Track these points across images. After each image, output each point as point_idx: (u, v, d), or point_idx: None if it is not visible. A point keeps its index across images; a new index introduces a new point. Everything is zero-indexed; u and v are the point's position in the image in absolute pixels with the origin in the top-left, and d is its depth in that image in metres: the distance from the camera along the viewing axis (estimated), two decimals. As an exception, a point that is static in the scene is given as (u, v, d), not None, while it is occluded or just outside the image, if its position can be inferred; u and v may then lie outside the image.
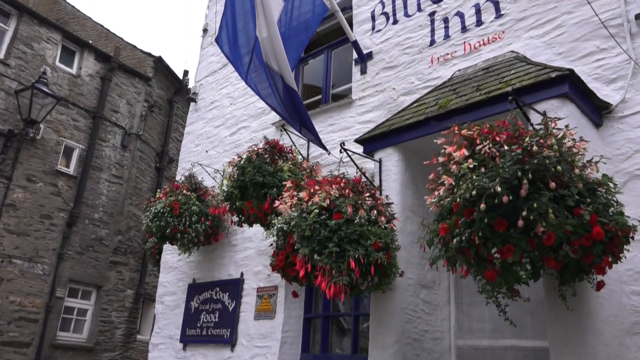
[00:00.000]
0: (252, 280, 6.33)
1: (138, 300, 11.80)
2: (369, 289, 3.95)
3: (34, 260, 9.86)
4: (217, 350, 6.41)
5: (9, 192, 9.63)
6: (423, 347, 4.51)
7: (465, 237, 2.87)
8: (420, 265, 4.66)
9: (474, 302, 4.66)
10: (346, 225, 3.72)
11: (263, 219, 5.26)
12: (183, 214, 6.34)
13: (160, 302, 7.64)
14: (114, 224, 11.50)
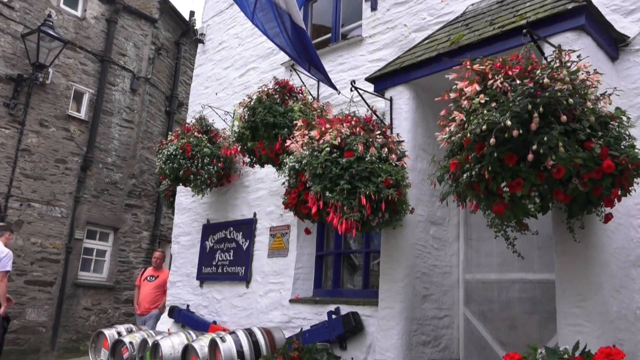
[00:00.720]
0: (265, 220, 6.47)
1: (154, 241, 12.13)
2: (379, 225, 4.04)
3: (51, 204, 10.10)
4: (232, 286, 6.65)
5: (23, 137, 9.74)
6: (432, 280, 4.66)
7: (475, 172, 2.90)
8: (431, 202, 4.73)
9: (483, 237, 4.75)
10: (357, 163, 3.76)
11: (274, 159, 5.31)
12: (195, 155, 6.42)
13: (176, 242, 7.87)
14: (127, 168, 11.65)
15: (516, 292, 4.47)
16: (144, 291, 8.29)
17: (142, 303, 8.23)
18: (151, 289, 8.27)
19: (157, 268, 8.48)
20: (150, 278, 8.37)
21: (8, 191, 9.47)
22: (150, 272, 8.49)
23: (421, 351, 4.48)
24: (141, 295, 8.31)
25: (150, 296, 8.22)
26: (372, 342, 4.76)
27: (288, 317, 5.77)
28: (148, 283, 8.33)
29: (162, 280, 8.27)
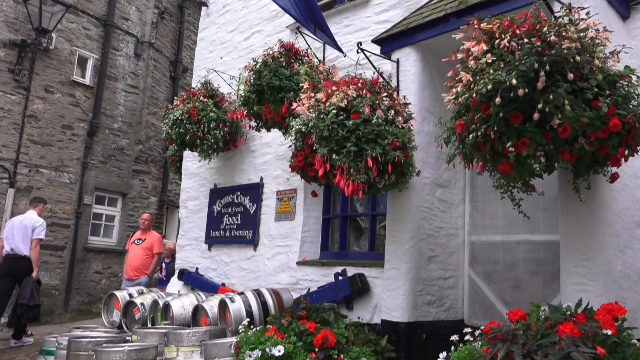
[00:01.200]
0: (272, 184, 6.51)
1: (162, 207, 12.26)
2: (386, 187, 4.07)
3: (60, 170, 10.18)
4: (240, 250, 6.76)
5: (29, 103, 9.75)
6: (437, 242, 4.72)
7: (481, 133, 2.90)
8: (437, 165, 4.74)
9: (488, 200, 4.78)
10: (364, 125, 3.77)
11: (281, 123, 5.32)
12: (201, 120, 6.42)
13: (184, 206, 7.95)
14: (134, 134, 11.68)
15: (521, 253, 4.53)
16: (131, 255, 8.01)
17: (129, 268, 7.96)
18: (138, 253, 7.97)
19: (145, 231, 8.19)
20: (138, 241, 8.08)
21: (16, 157, 9.54)
22: (138, 236, 8.21)
23: (426, 310, 4.58)
24: (128, 259, 8.06)
25: (137, 260, 7.93)
26: (378, 303, 4.85)
27: (295, 279, 5.88)
28: (135, 247, 8.04)
29: (149, 243, 8.04)
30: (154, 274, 8.34)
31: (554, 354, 2.42)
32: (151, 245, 8.00)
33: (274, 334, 3.71)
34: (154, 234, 8.26)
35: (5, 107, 9.46)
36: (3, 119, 9.42)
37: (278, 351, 3.44)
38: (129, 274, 7.90)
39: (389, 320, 4.51)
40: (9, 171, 9.43)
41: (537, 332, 2.67)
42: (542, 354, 2.45)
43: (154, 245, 8.04)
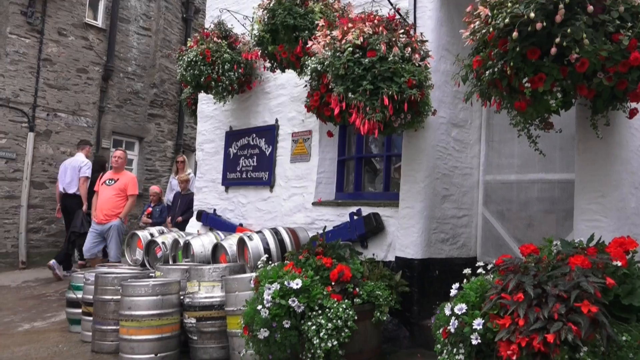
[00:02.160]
0: (287, 126, 6.53)
1: (178, 150, 12.39)
2: (401, 126, 4.08)
3: (77, 114, 10.28)
4: (257, 191, 6.87)
5: (43, 46, 9.73)
6: (452, 181, 4.76)
7: (498, 69, 2.87)
8: (453, 104, 4.71)
9: (504, 139, 4.77)
10: (380, 63, 3.73)
11: (296, 63, 5.26)
12: (215, 62, 6.38)
13: (201, 149, 8.03)
14: (148, 77, 11.66)
15: (535, 192, 4.56)
16: (102, 197, 7.40)
17: (99, 210, 7.38)
18: (109, 195, 7.39)
19: (118, 170, 7.62)
20: (109, 182, 7.46)
21: (34, 101, 9.64)
22: (110, 175, 7.58)
23: (440, 248, 4.68)
24: (99, 201, 7.44)
25: (109, 203, 7.36)
26: (393, 241, 4.96)
27: (311, 219, 6.00)
28: (107, 187, 7.41)
29: (122, 184, 7.47)
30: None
31: (563, 284, 2.50)
32: (124, 186, 7.46)
33: (291, 269, 3.85)
34: (128, 174, 7.80)
35: (20, 51, 9.47)
36: (19, 63, 9.45)
37: (296, 284, 3.57)
38: (98, 217, 7.35)
39: (403, 257, 4.64)
40: (28, 115, 9.55)
41: (549, 265, 2.74)
42: (552, 284, 2.53)
43: (128, 186, 7.51)
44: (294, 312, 3.53)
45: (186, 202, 8.38)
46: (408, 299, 4.42)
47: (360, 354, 3.75)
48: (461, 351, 2.68)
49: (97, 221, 7.33)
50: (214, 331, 4.36)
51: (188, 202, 8.28)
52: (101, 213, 7.32)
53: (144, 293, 4.29)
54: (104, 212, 7.32)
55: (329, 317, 3.53)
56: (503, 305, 2.62)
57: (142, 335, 4.23)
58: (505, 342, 2.49)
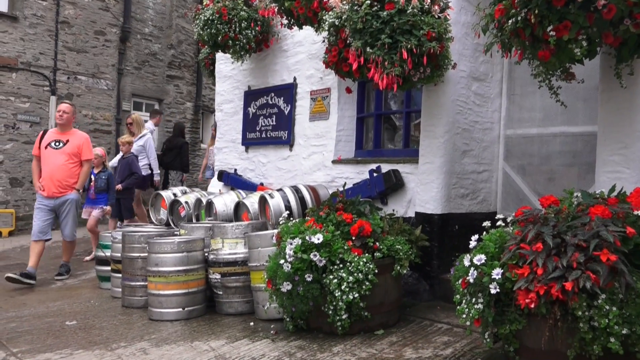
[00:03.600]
0: (305, 84, 6.50)
1: (197, 112, 12.46)
2: (421, 80, 4.04)
3: (96, 76, 10.37)
4: (276, 150, 6.91)
5: (60, 8, 9.74)
6: (472, 136, 4.73)
7: (521, 17, 2.80)
8: (473, 57, 4.63)
9: (526, 92, 4.69)
10: (398, 16, 3.67)
11: (313, 19, 5.20)
12: (232, 20, 6.32)
13: (220, 110, 8.07)
14: (165, 38, 11.62)
15: (557, 145, 4.51)
16: (50, 164, 5.92)
17: (49, 181, 5.89)
18: (61, 161, 5.94)
19: (64, 128, 6.10)
20: (56, 144, 5.98)
21: (55, 65, 9.73)
22: (55, 136, 6.06)
23: (460, 203, 4.70)
24: (47, 169, 5.94)
25: (61, 171, 5.93)
26: (412, 197, 4.99)
27: (331, 177, 6.04)
28: (54, 152, 5.93)
29: (74, 146, 6.04)
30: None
31: (583, 233, 2.51)
32: (78, 150, 6.07)
33: (312, 224, 3.91)
34: (79, 133, 6.28)
35: (38, 14, 9.49)
36: (37, 26, 9.50)
37: (317, 239, 3.64)
38: (50, 190, 5.89)
39: (422, 213, 4.67)
40: (49, 79, 9.67)
41: (568, 215, 2.75)
42: (572, 234, 2.55)
43: (83, 149, 6.11)
44: (316, 266, 3.61)
45: (125, 167, 7.66)
46: (428, 253, 4.49)
47: (381, 306, 3.84)
48: (480, 300, 2.73)
49: (47, 194, 5.88)
50: (238, 286, 4.49)
51: (127, 166, 7.64)
52: (52, 184, 5.87)
53: (170, 250, 4.42)
54: (55, 184, 5.89)
55: (350, 270, 3.61)
56: (522, 255, 2.65)
57: (170, 290, 4.38)
58: (524, 291, 2.53)
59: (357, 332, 3.76)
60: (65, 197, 5.98)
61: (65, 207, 6.00)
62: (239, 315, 4.45)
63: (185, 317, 4.38)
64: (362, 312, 3.67)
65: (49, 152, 5.95)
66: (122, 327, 4.21)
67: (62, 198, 5.96)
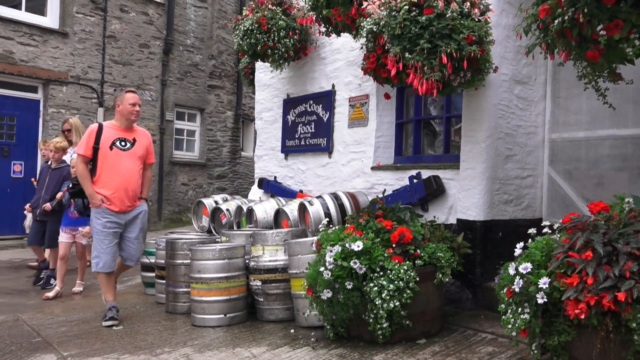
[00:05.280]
0: (344, 91, 6.50)
1: (238, 120, 12.65)
2: (461, 85, 3.97)
3: (141, 88, 10.68)
4: (315, 157, 6.93)
5: (107, 23, 10.11)
6: (516, 141, 4.61)
7: (569, 17, 2.71)
8: (516, 60, 4.52)
9: (572, 95, 4.55)
10: (437, 20, 3.63)
11: (351, 26, 5.20)
12: (271, 29, 6.41)
13: (259, 118, 8.16)
14: (206, 49, 11.88)
15: (605, 149, 4.34)
16: (123, 170, 4.63)
17: (121, 192, 4.61)
18: (133, 165, 4.71)
19: (130, 125, 4.79)
20: (123, 144, 4.66)
21: (102, 77, 10.10)
22: (118, 133, 4.68)
23: (503, 209, 4.58)
24: (116, 177, 4.60)
25: (134, 179, 4.71)
26: (454, 203, 4.90)
27: (370, 183, 6.00)
28: (122, 154, 4.63)
29: (142, 147, 4.82)
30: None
31: (636, 241, 2.40)
32: (146, 152, 4.88)
33: (352, 232, 3.89)
34: (143, 131, 5.01)
35: (87, 29, 9.88)
36: (86, 41, 9.89)
37: (357, 246, 3.62)
38: (123, 203, 4.62)
39: (464, 219, 4.58)
40: (97, 91, 10.03)
41: (620, 222, 2.64)
42: (624, 242, 2.44)
43: (150, 150, 4.98)
44: (356, 273, 3.59)
45: (57, 180, 6.16)
46: (470, 261, 4.39)
47: (423, 315, 3.78)
48: (526, 310, 2.65)
49: (117, 209, 4.61)
50: (279, 293, 4.51)
51: (60, 179, 6.17)
52: (126, 196, 4.64)
53: (212, 257, 4.49)
54: (130, 195, 4.68)
55: (391, 278, 3.57)
56: (570, 264, 2.56)
57: (212, 297, 4.44)
58: (573, 301, 2.44)
59: (398, 341, 3.71)
60: (138, 209, 4.78)
61: (137, 221, 4.77)
62: (280, 322, 4.46)
63: (227, 324, 4.43)
64: (403, 320, 3.62)
65: (116, 155, 4.62)
66: (166, 333, 4.29)
67: (134, 211, 4.75)
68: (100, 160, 4.61)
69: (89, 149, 4.60)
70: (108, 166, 4.61)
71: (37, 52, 9.36)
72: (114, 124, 4.78)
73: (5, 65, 9.00)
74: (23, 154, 9.45)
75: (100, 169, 4.62)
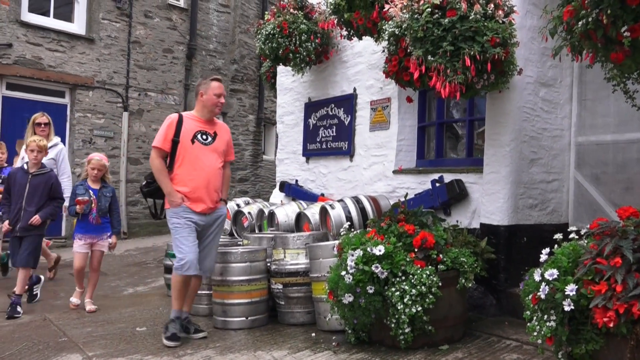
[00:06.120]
0: (365, 95, 6.49)
1: (259, 124, 12.72)
2: (484, 88, 3.93)
3: (165, 92, 10.84)
4: (337, 161, 6.93)
5: (132, 29, 10.29)
6: (541, 144, 4.53)
7: (593, 18, 2.66)
8: (541, 62, 4.45)
9: (599, 97, 4.46)
10: (460, 22, 3.59)
11: (372, 29, 5.18)
12: (292, 33, 6.43)
13: (281, 121, 8.19)
14: (228, 54, 11.99)
15: (634, 152, 4.24)
16: (206, 166, 4.17)
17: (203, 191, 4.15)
18: (215, 163, 4.24)
19: (210, 119, 4.30)
20: (204, 138, 4.20)
21: (127, 82, 10.27)
22: (199, 125, 4.22)
23: (528, 214, 4.51)
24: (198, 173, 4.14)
25: (217, 178, 4.26)
26: (477, 208, 4.84)
27: (392, 187, 5.97)
28: (204, 149, 4.17)
29: (224, 142, 4.36)
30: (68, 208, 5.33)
31: (667, 248, 2.34)
32: (227, 147, 4.41)
33: (374, 236, 3.87)
34: (222, 124, 4.53)
35: (112, 35, 10.07)
36: (112, 47, 10.07)
37: (379, 250, 3.60)
38: (206, 203, 4.16)
39: (488, 224, 4.52)
40: (122, 96, 10.20)
41: (650, 228, 2.57)
42: (654, 248, 2.38)
43: (230, 146, 4.49)
44: (378, 278, 3.57)
45: (43, 187, 5.19)
46: (494, 266, 4.33)
47: (445, 320, 3.73)
48: (552, 318, 2.60)
49: (200, 209, 4.15)
50: (300, 296, 4.51)
51: (46, 186, 5.21)
52: (208, 195, 4.19)
53: (234, 260, 4.51)
54: (212, 195, 4.23)
55: (413, 283, 3.54)
56: (598, 271, 2.50)
57: (233, 300, 4.46)
58: (601, 309, 2.38)
59: (420, 347, 3.67)
60: (219, 211, 4.34)
61: (216, 226, 4.34)
62: (301, 326, 4.46)
63: (249, 326, 4.44)
64: (426, 326, 3.58)
65: (198, 149, 4.17)
66: (188, 335, 4.32)
67: (215, 213, 4.29)
68: (180, 155, 4.12)
69: (167, 141, 4.13)
70: (188, 162, 4.13)
71: (65, 58, 9.57)
72: (194, 115, 4.29)
73: (35, 71, 9.22)
74: (53, 158, 9.63)
75: (178, 165, 4.14)
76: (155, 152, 4.18)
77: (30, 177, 5.17)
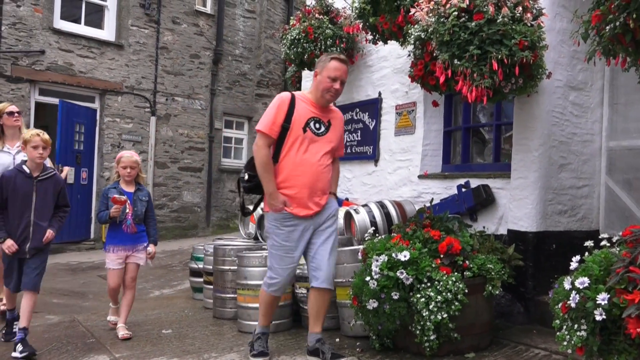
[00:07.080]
0: (390, 99, 6.46)
1: (285, 129, 12.78)
2: (512, 92, 3.87)
3: (191, 97, 10.99)
4: (362, 165, 6.90)
5: (160, 35, 10.47)
6: (570, 149, 4.44)
7: (620, 22, 2.60)
8: (570, 65, 4.37)
9: (631, 101, 4.35)
10: (488, 26, 3.54)
11: (398, 33, 5.16)
12: (318, 38, 6.45)
13: (306, 126, 8.21)
14: (254, 59, 12.10)
15: (669, 157, 4.12)
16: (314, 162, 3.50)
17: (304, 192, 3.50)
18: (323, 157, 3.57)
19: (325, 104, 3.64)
20: (318, 127, 3.55)
21: (154, 87, 10.45)
22: (312, 111, 3.55)
23: (557, 220, 4.42)
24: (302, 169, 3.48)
25: (325, 175, 3.59)
26: (504, 213, 4.76)
27: (417, 192, 5.92)
28: (316, 139, 3.52)
29: (338, 134, 3.74)
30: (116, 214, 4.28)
31: None
32: (339, 141, 3.78)
33: (399, 241, 3.84)
34: (338, 112, 3.87)
35: (141, 41, 10.26)
36: (140, 52, 10.26)
37: (404, 256, 3.56)
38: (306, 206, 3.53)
39: (515, 230, 4.44)
40: (150, 101, 10.37)
41: (685, 236, 2.48)
42: (690, 257, 2.29)
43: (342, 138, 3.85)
44: (402, 284, 3.53)
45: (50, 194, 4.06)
46: (522, 273, 4.24)
47: (472, 328, 3.67)
48: (583, 327, 2.53)
49: (303, 214, 3.54)
50: (324, 301, 4.48)
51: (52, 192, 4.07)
52: (310, 198, 3.55)
53: (258, 264, 4.52)
54: (316, 199, 3.58)
55: (439, 289, 3.49)
56: (632, 280, 2.43)
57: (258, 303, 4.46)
58: (635, 319, 2.31)
59: (445, 354, 3.62)
60: (329, 208, 3.66)
61: (328, 222, 3.65)
62: (325, 331, 4.42)
63: (272, 331, 4.43)
64: (451, 333, 3.53)
65: (309, 140, 3.50)
66: (213, 338, 4.35)
67: (324, 212, 3.63)
68: (288, 145, 3.42)
69: (276, 126, 3.40)
70: (295, 155, 3.44)
71: (95, 64, 9.79)
72: (307, 97, 3.58)
73: (66, 77, 9.44)
74: (87, 162, 9.86)
75: (284, 158, 3.45)
76: (261, 138, 3.44)
77: (36, 183, 3.98)
